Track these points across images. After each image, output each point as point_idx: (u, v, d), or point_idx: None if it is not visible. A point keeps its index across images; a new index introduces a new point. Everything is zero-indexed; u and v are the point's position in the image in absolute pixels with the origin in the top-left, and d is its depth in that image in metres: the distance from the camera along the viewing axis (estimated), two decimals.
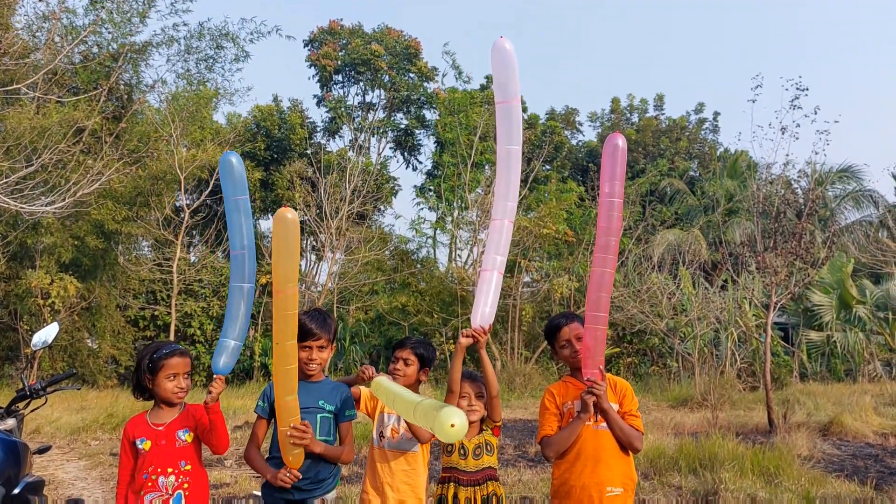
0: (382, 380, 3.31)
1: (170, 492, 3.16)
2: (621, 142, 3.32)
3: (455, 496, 3.46)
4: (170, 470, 3.18)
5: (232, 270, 3.25)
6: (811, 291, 20.19)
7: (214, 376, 3.20)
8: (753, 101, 13.19)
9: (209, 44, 22.45)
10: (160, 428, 3.25)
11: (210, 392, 3.20)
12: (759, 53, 65.17)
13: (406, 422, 3.45)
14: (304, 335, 3.42)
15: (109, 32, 19.60)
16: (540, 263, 22.73)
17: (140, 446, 3.21)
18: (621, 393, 3.50)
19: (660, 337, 19.39)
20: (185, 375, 3.33)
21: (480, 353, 3.47)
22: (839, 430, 10.66)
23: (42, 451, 4.14)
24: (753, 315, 18.02)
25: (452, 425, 2.56)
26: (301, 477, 3.26)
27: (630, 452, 3.48)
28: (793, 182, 13.18)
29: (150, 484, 3.15)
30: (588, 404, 3.31)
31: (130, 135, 18.56)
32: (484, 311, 3.42)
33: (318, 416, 3.42)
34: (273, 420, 3.48)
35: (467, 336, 3.39)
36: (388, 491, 3.45)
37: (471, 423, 3.59)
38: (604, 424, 3.40)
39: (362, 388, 3.64)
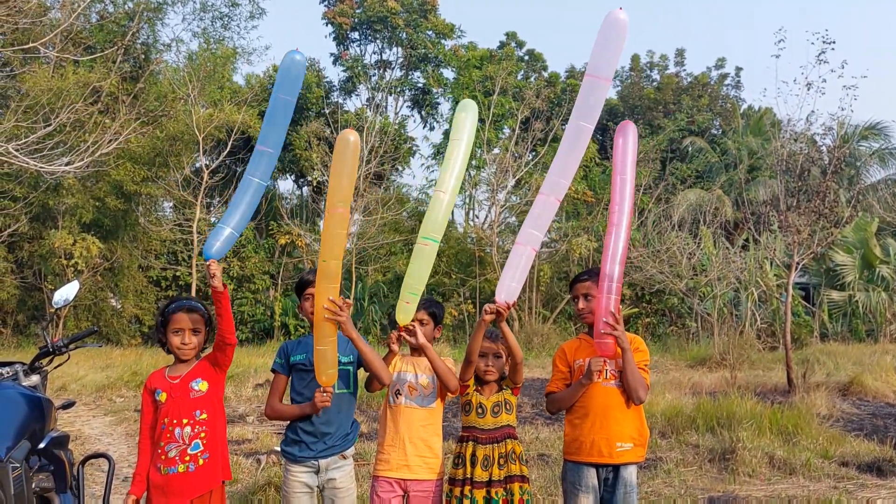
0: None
1: (187, 441, 3.21)
2: (632, 130, 3.51)
3: (473, 454, 3.47)
4: (185, 421, 3.22)
5: (251, 162, 3.27)
6: (834, 251, 19.94)
7: (207, 262, 3.24)
8: (777, 57, 12.85)
9: (224, 1, 22.27)
10: (175, 381, 3.30)
11: (212, 281, 3.23)
12: (782, 4, 63.46)
13: (436, 372, 3.47)
14: (303, 287, 3.55)
15: None
16: (558, 223, 22.63)
17: (158, 398, 3.28)
18: (633, 347, 3.52)
19: (679, 297, 19.30)
20: (193, 331, 3.32)
21: (502, 328, 3.42)
22: (859, 390, 10.59)
23: (66, 406, 4.20)
24: (774, 275, 17.86)
25: None
26: (333, 392, 3.34)
27: (640, 409, 3.50)
28: (818, 139, 12.85)
29: (168, 435, 3.21)
30: (593, 373, 3.39)
31: (148, 95, 18.55)
32: (510, 285, 3.37)
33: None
34: (290, 377, 3.57)
35: (491, 313, 3.34)
36: (407, 447, 3.47)
37: (487, 382, 3.61)
38: (612, 381, 3.44)
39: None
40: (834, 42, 12.06)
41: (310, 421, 3.42)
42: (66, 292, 4.07)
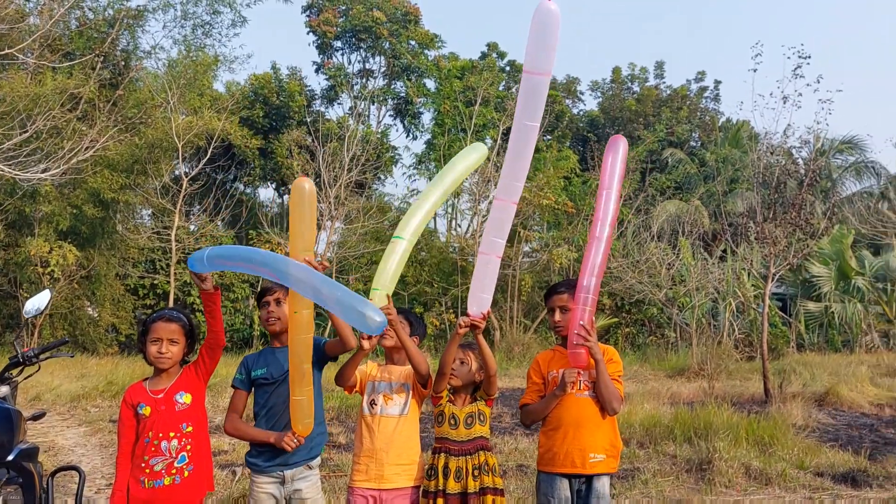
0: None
1: (173, 455, 3.20)
2: (622, 144, 3.58)
3: (446, 466, 3.45)
4: (172, 434, 3.21)
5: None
6: (810, 262, 20.19)
7: (195, 274, 3.26)
8: (754, 71, 13.02)
9: (206, 9, 22.21)
10: (159, 395, 3.27)
11: (203, 284, 3.25)
12: (760, 20, 64.42)
13: (407, 354, 3.44)
14: (261, 294, 3.59)
15: None
16: (539, 233, 22.68)
17: (141, 412, 3.24)
18: (606, 358, 3.53)
19: (658, 307, 19.42)
20: (171, 342, 3.30)
21: (478, 339, 3.42)
22: (835, 401, 10.70)
23: (36, 417, 4.14)
24: (752, 285, 18.03)
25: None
26: (303, 443, 3.35)
27: (613, 420, 3.52)
28: (794, 152, 13.04)
29: (153, 449, 3.19)
30: (567, 384, 3.42)
31: (127, 102, 18.40)
32: (481, 297, 3.36)
33: None
34: (250, 394, 3.58)
35: (465, 326, 3.34)
36: (382, 457, 3.46)
37: (455, 391, 3.60)
38: (586, 392, 3.46)
39: (359, 368, 3.61)
40: (809, 57, 12.27)
41: (272, 430, 3.41)
42: (38, 301, 4.01)
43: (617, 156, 3.54)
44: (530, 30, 3.09)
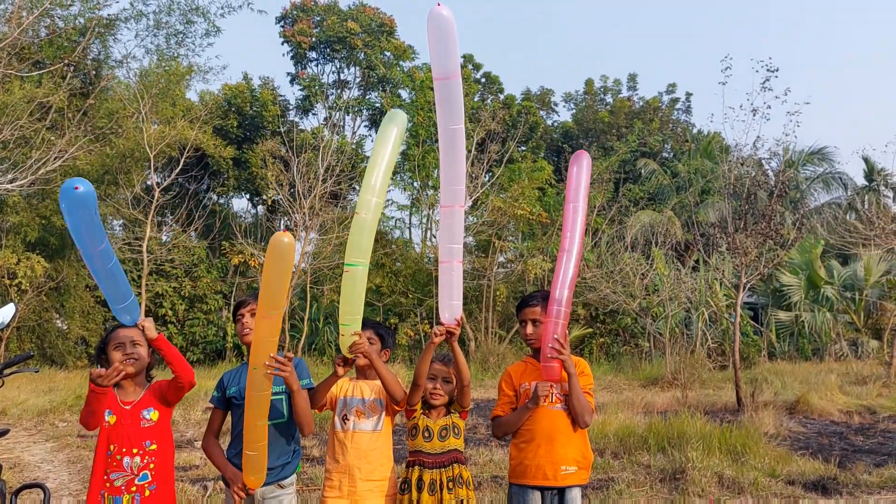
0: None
1: (135, 472, 3.14)
2: (586, 159, 3.63)
3: (420, 479, 3.43)
4: (135, 451, 3.16)
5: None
6: (780, 272, 20.46)
7: (138, 323, 3.25)
8: (724, 84, 13.15)
9: (179, 19, 22.04)
10: (127, 406, 3.22)
11: (146, 332, 3.23)
12: (730, 33, 65.55)
13: (382, 380, 3.41)
14: (237, 307, 3.52)
15: (75, 6, 19.13)
16: (514, 244, 22.75)
17: (107, 418, 3.19)
18: (578, 370, 3.54)
19: (632, 317, 19.55)
20: (133, 344, 3.29)
21: (452, 347, 3.41)
22: (805, 409, 10.85)
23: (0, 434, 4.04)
24: (724, 295, 18.24)
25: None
26: (250, 495, 3.31)
27: (584, 432, 3.53)
28: (764, 163, 13.26)
29: (114, 463, 3.13)
30: (539, 398, 3.41)
31: (97, 111, 18.16)
32: (451, 304, 3.34)
33: None
34: (229, 411, 3.52)
35: (440, 335, 3.31)
36: (355, 473, 3.42)
37: (435, 407, 3.58)
38: (559, 405, 3.46)
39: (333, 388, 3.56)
40: (777, 70, 12.50)
41: (242, 452, 3.35)
42: (2, 315, 3.93)
43: (581, 170, 3.59)
44: (428, 38, 3.14)
